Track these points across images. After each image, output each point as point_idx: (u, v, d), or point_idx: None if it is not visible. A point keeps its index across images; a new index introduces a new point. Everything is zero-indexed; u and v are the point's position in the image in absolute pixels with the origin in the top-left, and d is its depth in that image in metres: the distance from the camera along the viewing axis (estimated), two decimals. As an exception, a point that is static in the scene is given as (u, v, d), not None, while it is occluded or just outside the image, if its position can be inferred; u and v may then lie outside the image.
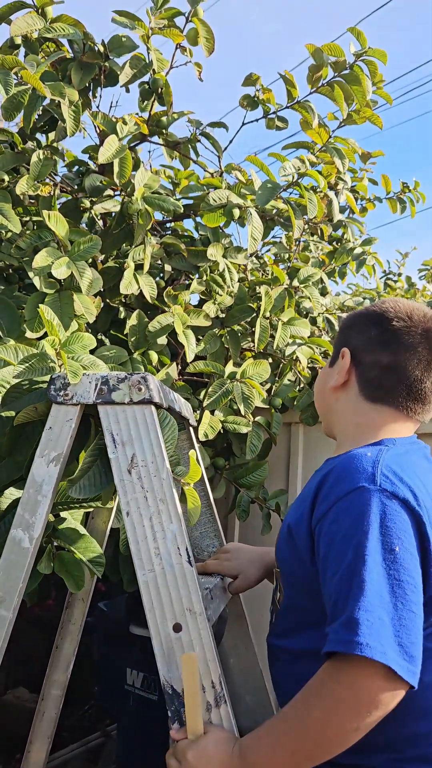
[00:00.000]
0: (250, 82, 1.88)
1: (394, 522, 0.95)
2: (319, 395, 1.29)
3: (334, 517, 0.98)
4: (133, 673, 2.46)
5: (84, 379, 1.13)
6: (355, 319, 1.25)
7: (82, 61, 1.60)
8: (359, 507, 0.96)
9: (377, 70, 1.82)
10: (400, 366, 1.14)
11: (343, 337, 1.24)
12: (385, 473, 0.99)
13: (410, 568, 0.93)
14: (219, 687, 1.01)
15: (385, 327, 1.17)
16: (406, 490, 0.98)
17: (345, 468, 1.02)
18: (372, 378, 1.16)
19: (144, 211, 1.62)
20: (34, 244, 1.53)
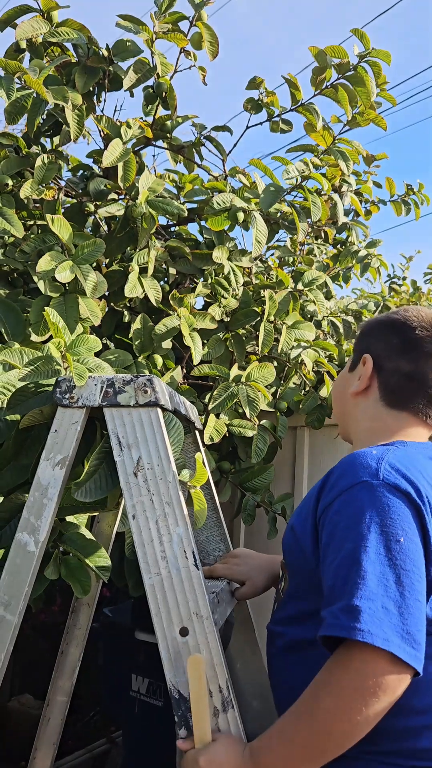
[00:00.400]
0: (254, 86, 1.88)
1: (397, 514, 0.96)
2: (338, 400, 1.31)
3: (337, 508, 1.00)
4: (138, 679, 2.45)
5: (90, 382, 1.13)
6: (376, 325, 1.26)
7: (86, 66, 1.60)
8: (362, 499, 0.97)
9: (381, 72, 1.82)
10: (422, 374, 1.17)
11: (363, 343, 1.26)
12: (388, 468, 1.00)
13: (415, 558, 0.94)
14: (226, 691, 1.00)
15: (407, 335, 1.19)
16: (407, 485, 0.98)
17: (349, 463, 1.04)
18: (393, 384, 1.19)
19: (148, 214, 1.62)
20: (39, 248, 1.53)
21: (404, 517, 0.96)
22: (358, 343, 1.28)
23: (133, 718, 2.40)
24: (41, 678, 2.34)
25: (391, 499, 0.97)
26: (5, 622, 1.08)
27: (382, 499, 0.96)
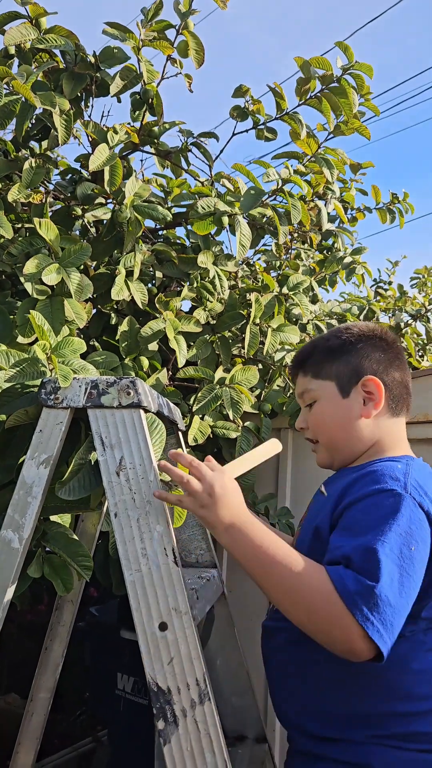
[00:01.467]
0: (239, 94, 1.91)
1: (417, 526, 1.05)
2: (340, 430, 1.27)
3: (363, 507, 1.08)
4: (123, 678, 2.47)
5: (74, 383, 1.16)
6: (358, 344, 1.28)
7: (73, 72, 1.63)
8: (391, 505, 1.06)
9: (364, 83, 1.86)
10: (406, 379, 1.29)
11: (350, 366, 1.27)
12: (413, 485, 1.09)
13: (418, 568, 1.04)
14: (203, 684, 1.03)
15: (386, 346, 1.29)
16: (428, 504, 1.09)
17: (379, 473, 1.12)
18: (396, 395, 1.27)
19: (134, 219, 1.65)
20: (26, 251, 1.55)
21: (423, 531, 1.06)
22: (338, 367, 1.27)
23: (118, 716, 2.42)
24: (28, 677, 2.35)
25: (414, 512, 1.06)
26: (-11, 617, 1.11)
27: (407, 509, 1.05)
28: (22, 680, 2.79)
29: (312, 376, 1.30)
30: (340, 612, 0.98)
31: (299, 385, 1.34)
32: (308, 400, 1.30)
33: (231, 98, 1.90)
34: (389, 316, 3.65)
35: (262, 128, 1.94)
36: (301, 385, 1.33)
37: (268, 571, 1.04)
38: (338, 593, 0.98)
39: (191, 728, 1.01)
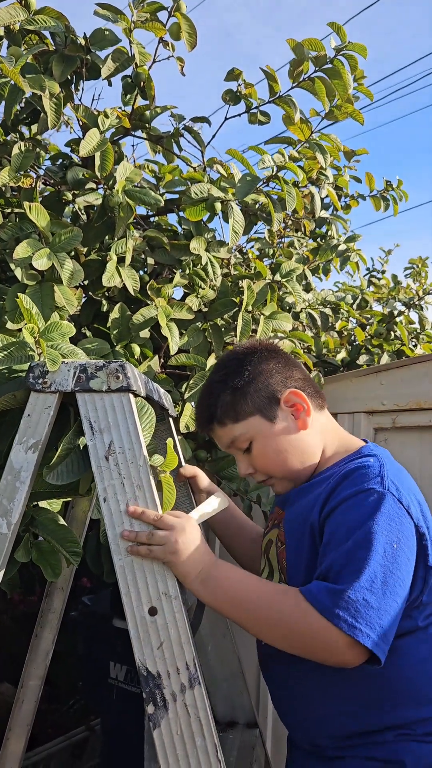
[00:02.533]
0: (232, 77, 1.89)
1: (398, 523, 1.07)
2: (289, 453, 1.26)
3: (343, 510, 1.10)
4: (116, 667, 2.48)
5: (63, 367, 1.14)
6: (248, 375, 1.28)
7: (64, 54, 1.60)
8: (373, 503, 1.07)
9: (358, 65, 1.84)
10: (305, 372, 1.34)
11: (260, 392, 1.27)
12: (391, 481, 1.11)
13: (403, 565, 1.05)
14: (193, 669, 1.02)
15: (276, 353, 1.32)
16: (407, 500, 1.11)
17: (356, 473, 1.14)
18: (311, 392, 1.31)
19: (125, 204, 1.63)
20: (16, 236, 1.53)
21: (405, 526, 1.08)
22: (251, 400, 1.26)
23: (111, 704, 2.43)
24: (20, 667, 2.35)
25: (394, 508, 1.08)
26: (-23, 602, 1.10)
27: (387, 506, 1.07)
28: (15, 670, 2.79)
29: (232, 422, 1.27)
30: (321, 627, 0.99)
31: (223, 436, 1.30)
32: (243, 445, 1.27)
33: (223, 82, 1.88)
34: (382, 305, 3.65)
35: (255, 112, 1.92)
36: (225, 436, 1.29)
37: (246, 613, 1.06)
38: (315, 609, 1.00)
39: (181, 712, 1.01)
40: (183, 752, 0.99)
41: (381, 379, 1.97)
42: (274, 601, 1.05)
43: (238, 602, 1.06)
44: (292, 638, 1.03)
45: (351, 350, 2.59)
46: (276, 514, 1.34)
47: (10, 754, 1.43)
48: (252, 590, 1.06)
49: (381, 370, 1.97)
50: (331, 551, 1.07)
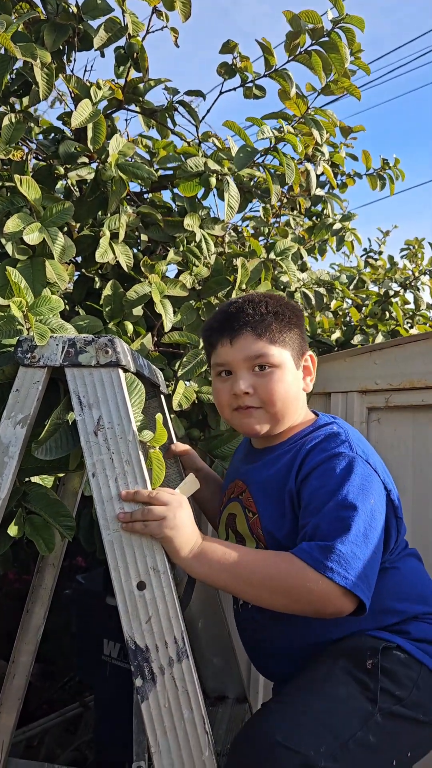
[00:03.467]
0: (227, 50, 1.86)
1: (370, 482, 1.14)
2: (294, 401, 1.30)
3: (321, 473, 1.16)
4: (109, 644, 2.49)
5: (51, 342, 1.13)
6: (298, 319, 1.34)
7: (55, 23, 1.57)
8: (346, 467, 1.14)
9: (355, 39, 1.80)
10: None
11: (300, 339, 1.33)
12: (357, 445, 1.19)
13: (379, 519, 1.13)
14: (181, 642, 1.02)
15: (303, 324, 1.37)
16: (373, 461, 1.18)
17: (325, 441, 1.20)
18: None
19: (118, 178, 1.61)
20: (6, 210, 1.51)
21: (375, 483, 1.15)
22: (294, 338, 1.31)
23: (104, 681, 2.45)
24: (14, 643, 2.35)
25: (365, 469, 1.15)
26: (-35, 576, 1.09)
27: (359, 468, 1.14)
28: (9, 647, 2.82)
29: (268, 341, 1.27)
30: (317, 580, 1.04)
31: (252, 346, 1.26)
32: (265, 363, 1.26)
33: (219, 55, 1.85)
34: (378, 286, 3.63)
35: (251, 86, 1.89)
36: (255, 347, 1.26)
37: (243, 580, 1.08)
38: (310, 566, 1.04)
39: (169, 685, 1.01)
40: (171, 724, 1.00)
41: (375, 359, 1.96)
42: (268, 564, 1.08)
43: (233, 570, 1.08)
44: (290, 596, 1.06)
45: (345, 330, 2.58)
46: (235, 486, 1.35)
47: (1, 727, 1.44)
48: (245, 557, 1.09)
49: (375, 350, 1.97)
50: (312, 514, 1.12)
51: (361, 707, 1.06)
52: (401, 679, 1.11)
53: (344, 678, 1.08)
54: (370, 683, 1.08)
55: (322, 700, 1.05)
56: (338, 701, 1.05)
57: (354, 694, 1.07)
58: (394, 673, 1.11)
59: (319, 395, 2.08)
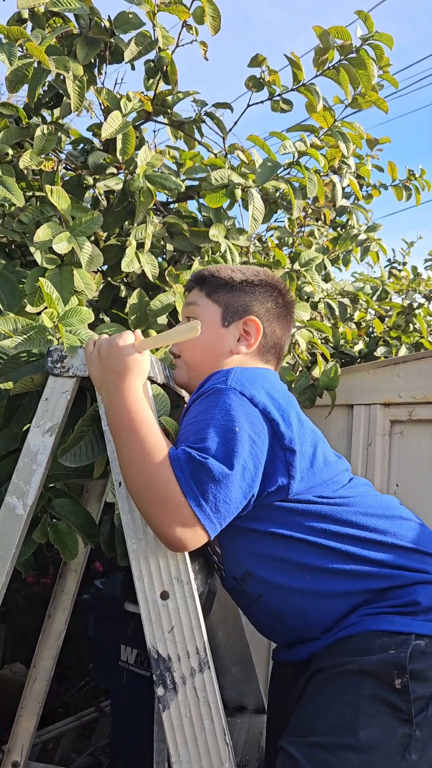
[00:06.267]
0: (256, 63, 1.88)
1: (240, 410, 1.08)
2: (205, 352, 1.31)
3: (192, 411, 1.13)
4: (127, 650, 2.50)
5: (80, 352, 1.15)
6: (256, 286, 1.33)
7: (87, 37, 1.60)
8: (214, 397, 1.10)
9: (383, 55, 1.81)
10: (285, 336, 1.37)
11: (242, 301, 1.32)
12: (236, 380, 1.13)
13: (246, 445, 1.05)
14: (203, 653, 1.03)
15: (282, 301, 1.35)
16: (250, 392, 1.11)
17: (207, 382, 1.17)
18: (270, 346, 1.33)
19: (146, 189, 1.63)
20: (36, 219, 1.54)
21: (248, 413, 1.08)
22: (231, 297, 1.32)
23: (121, 687, 2.45)
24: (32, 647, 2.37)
25: (235, 400, 1.09)
26: (-8, 581, 1.11)
27: (228, 398, 1.09)
28: (27, 650, 2.83)
29: (205, 294, 1.34)
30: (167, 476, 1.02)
31: (191, 296, 1.37)
32: (190, 314, 1.34)
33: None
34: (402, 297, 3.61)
35: (278, 99, 1.91)
36: (192, 297, 1.36)
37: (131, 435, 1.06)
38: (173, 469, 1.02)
39: (190, 695, 1.02)
40: (192, 734, 1.01)
41: (399, 371, 1.95)
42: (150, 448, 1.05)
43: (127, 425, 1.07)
44: None
45: (369, 342, 2.57)
46: None
47: (22, 731, 1.46)
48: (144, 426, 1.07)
49: (399, 362, 1.96)
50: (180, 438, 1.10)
51: (399, 738, 1.00)
52: (427, 673, 1.05)
53: (374, 709, 1.02)
54: (403, 705, 1.02)
55: (360, 752, 0.98)
56: (375, 747, 0.99)
57: (389, 726, 1.01)
58: (422, 672, 1.05)
59: (341, 407, 2.08)
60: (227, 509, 1.03)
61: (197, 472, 1.01)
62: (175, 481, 1.01)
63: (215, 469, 1.01)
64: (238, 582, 1.21)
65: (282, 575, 1.15)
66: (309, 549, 1.13)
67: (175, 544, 1.02)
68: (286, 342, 1.39)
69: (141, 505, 1.05)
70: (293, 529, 1.14)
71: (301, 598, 1.14)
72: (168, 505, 1.00)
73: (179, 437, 1.11)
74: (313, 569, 1.13)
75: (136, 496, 1.05)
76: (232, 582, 1.22)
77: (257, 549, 1.15)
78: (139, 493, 1.04)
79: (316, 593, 1.13)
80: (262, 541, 1.15)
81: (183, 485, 1.00)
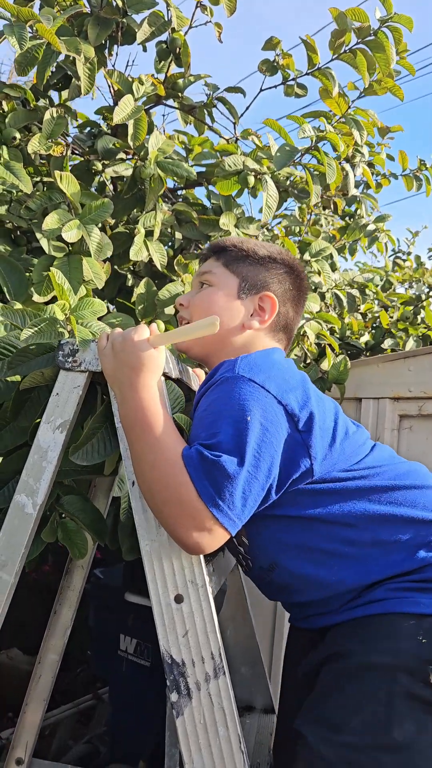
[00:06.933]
0: (270, 46, 1.82)
1: (250, 398, 1.03)
2: None
3: (204, 400, 1.09)
4: (126, 639, 2.50)
5: (93, 346, 1.11)
6: (275, 264, 1.30)
7: (99, 16, 1.54)
8: (225, 387, 1.06)
9: (402, 38, 1.76)
10: (296, 319, 1.34)
11: (260, 276, 1.28)
12: (244, 367, 1.08)
13: (264, 438, 1.02)
14: (218, 659, 1.01)
15: (299, 285, 1.32)
16: (261, 378, 1.06)
17: (213, 372, 1.13)
18: (281, 326, 1.30)
19: (157, 176, 1.58)
20: (44, 206, 1.49)
21: (259, 399, 1.04)
22: (251, 270, 1.28)
23: (120, 676, 2.45)
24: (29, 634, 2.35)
25: (245, 388, 1.04)
26: (2, 582, 1.09)
27: (238, 386, 1.05)
28: (25, 637, 2.82)
29: (222, 263, 1.30)
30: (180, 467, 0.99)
31: (206, 265, 1.33)
32: (204, 281, 1.30)
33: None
34: (405, 288, 3.58)
35: (292, 84, 1.85)
36: (207, 266, 1.32)
37: None
38: None
39: (204, 702, 0.99)
40: (206, 741, 0.99)
41: (409, 365, 1.92)
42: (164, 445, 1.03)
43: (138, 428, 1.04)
44: None
45: (375, 333, 2.54)
46: None
47: (27, 726, 1.44)
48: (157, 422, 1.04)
49: (409, 356, 1.93)
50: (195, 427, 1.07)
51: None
52: None
53: (407, 706, 1.00)
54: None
55: (394, 751, 0.97)
56: (409, 745, 0.97)
57: (423, 723, 0.99)
58: None
59: (350, 400, 2.05)
60: (246, 504, 1.00)
61: (211, 471, 0.98)
62: (190, 483, 0.98)
63: (229, 466, 0.97)
64: (265, 572, 1.19)
65: (309, 564, 1.12)
66: (336, 533, 1.11)
67: (193, 548, 0.99)
68: (296, 326, 1.35)
69: (155, 507, 1.02)
70: (319, 513, 1.11)
71: (328, 589, 1.12)
72: (183, 508, 0.98)
73: (191, 433, 1.08)
74: (341, 556, 1.11)
75: (150, 498, 1.02)
76: (259, 572, 1.20)
77: (284, 538, 1.13)
78: (153, 495, 1.01)
79: (343, 580, 1.11)
80: (290, 529, 1.12)
81: (198, 486, 0.97)
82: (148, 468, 1.02)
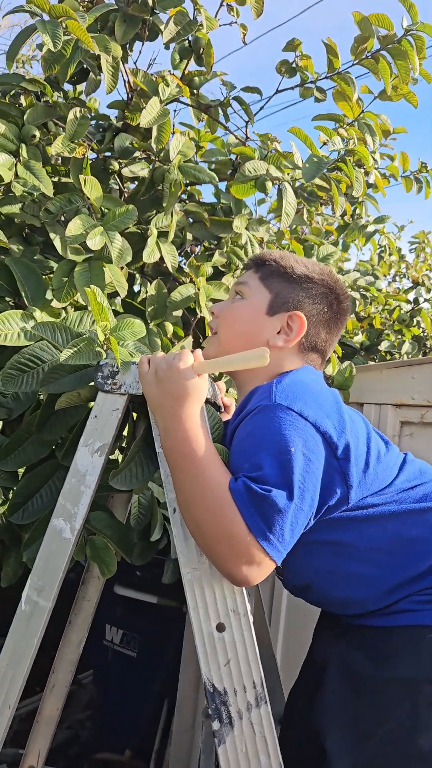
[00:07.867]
0: (291, 48, 1.78)
1: (290, 428, 1.03)
2: (242, 338, 1.24)
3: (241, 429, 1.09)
4: (112, 630, 2.52)
5: (133, 368, 1.09)
6: (312, 283, 1.27)
7: (127, 13, 1.48)
8: (260, 417, 1.05)
9: (424, 46, 1.75)
10: (330, 341, 1.30)
11: (294, 294, 1.26)
12: (280, 394, 1.07)
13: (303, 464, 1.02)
14: (260, 688, 1.02)
15: (336, 307, 1.28)
16: (299, 406, 1.05)
17: (247, 399, 1.13)
18: (310, 346, 1.27)
19: (178, 180, 1.54)
20: (64, 209, 1.45)
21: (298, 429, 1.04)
22: (285, 288, 1.26)
23: (105, 665, 2.47)
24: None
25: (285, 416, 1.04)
26: (38, 608, 1.07)
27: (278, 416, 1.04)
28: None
29: (259, 277, 1.29)
30: None
31: (244, 276, 1.32)
32: (239, 292, 1.30)
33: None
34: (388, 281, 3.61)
35: (310, 86, 1.82)
36: (245, 277, 1.31)
37: None
38: None
39: (246, 730, 1.01)
40: (247, 769, 1.00)
41: (413, 373, 1.95)
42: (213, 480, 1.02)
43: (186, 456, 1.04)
44: None
45: (369, 334, 2.56)
46: None
47: (40, 737, 1.43)
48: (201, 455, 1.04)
49: (414, 364, 1.95)
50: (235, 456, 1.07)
51: None
52: None
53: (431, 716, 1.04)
54: None
55: (420, 761, 1.01)
56: None
57: None
58: None
59: (352, 405, 2.07)
60: (293, 535, 1.01)
61: (261, 506, 0.98)
62: (240, 518, 0.98)
63: (279, 500, 0.98)
64: (299, 590, 1.22)
65: (342, 587, 1.14)
66: (369, 557, 1.13)
67: (242, 581, 0.99)
68: (329, 348, 1.32)
69: (202, 539, 1.01)
70: (352, 538, 1.12)
71: (360, 606, 1.15)
72: (234, 543, 0.97)
73: (232, 463, 1.07)
74: (373, 578, 1.13)
75: (196, 530, 1.02)
76: (293, 589, 1.23)
77: (317, 562, 1.14)
78: (199, 527, 1.01)
79: (374, 598, 1.14)
80: (322, 553, 1.13)
81: (249, 522, 0.97)
82: (194, 501, 1.01)
